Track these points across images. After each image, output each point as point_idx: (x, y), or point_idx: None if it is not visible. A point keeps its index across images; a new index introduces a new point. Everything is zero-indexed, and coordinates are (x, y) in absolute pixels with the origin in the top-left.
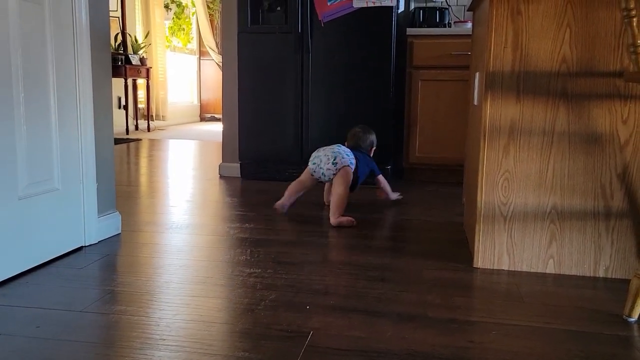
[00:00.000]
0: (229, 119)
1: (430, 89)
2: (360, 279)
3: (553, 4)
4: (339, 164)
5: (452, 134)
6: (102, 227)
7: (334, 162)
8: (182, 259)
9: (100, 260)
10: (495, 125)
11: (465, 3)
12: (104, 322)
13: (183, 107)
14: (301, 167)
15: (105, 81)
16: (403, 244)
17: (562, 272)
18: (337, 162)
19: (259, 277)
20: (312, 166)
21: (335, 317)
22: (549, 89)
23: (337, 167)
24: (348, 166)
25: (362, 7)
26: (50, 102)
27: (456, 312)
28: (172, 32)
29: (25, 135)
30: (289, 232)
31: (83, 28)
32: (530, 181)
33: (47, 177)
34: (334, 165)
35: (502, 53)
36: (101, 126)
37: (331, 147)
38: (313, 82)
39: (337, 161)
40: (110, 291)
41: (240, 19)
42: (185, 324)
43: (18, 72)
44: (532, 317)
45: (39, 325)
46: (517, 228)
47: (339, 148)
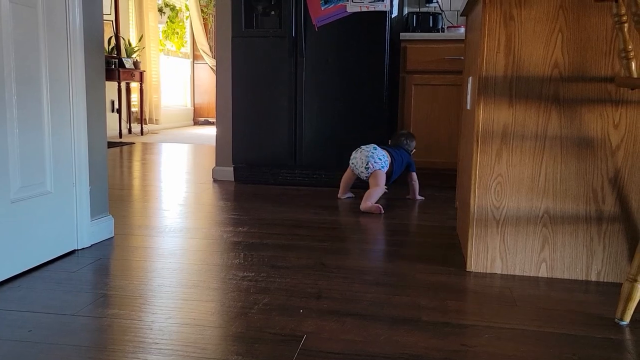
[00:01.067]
0: (222, 122)
1: (424, 94)
2: (353, 282)
3: (545, 9)
4: (370, 168)
5: (445, 138)
6: (95, 230)
7: (366, 167)
8: (175, 263)
9: (93, 264)
10: (488, 130)
11: (458, 8)
12: (96, 326)
13: (176, 111)
14: (295, 170)
15: (98, 84)
16: (396, 247)
17: (554, 276)
18: (369, 166)
19: (253, 281)
20: (352, 165)
21: (329, 320)
22: (541, 93)
23: (369, 171)
24: (380, 169)
25: (356, 11)
26: (43, 105)
27: (449, 316)
28: (166, 36)
29: (17, 138)
30: (283, 236)
31: (77, 31)
32: (522, 185)
33: (40, 181)
34: (367, 170)
35: (495, 58)
36: (94, 129)
37: (367, 150)
38: (307, 86)
39: (369, 166)
40: (103, 295)
41: (235, 23)
42: (178, 327)
43: (11, 74)
44: (525, 320)
45: (31, 329)
46: (510, 232)
47: (374, 151)
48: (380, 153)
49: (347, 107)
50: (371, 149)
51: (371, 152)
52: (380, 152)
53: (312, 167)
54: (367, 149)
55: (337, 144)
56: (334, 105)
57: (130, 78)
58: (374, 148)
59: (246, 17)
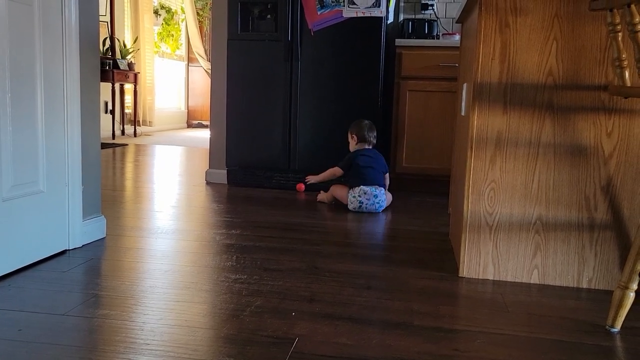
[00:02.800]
0: (216, 125)
1: (418, 100)
2: (346, 286)
3: (540, 17)
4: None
5: (439, 144)
6: (87, 230)
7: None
8: (167, 264)
9: (84, 264)
10: (482, 136)
11: (453, 15)
12: (87, 326)
13: (170, 113)
14: (289, 174)
15: (93, 85)
16: (389, 252)
17: (546, 283)
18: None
19: (245, 283)
20: (360, 207)
21: (321, 324)
22: (535, 101)
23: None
24: None
25: (352, 17)
26: (37, 104)
27: (441, 321)
28: (161, 38)
29: (10, 137)
30: (276, 239)
31: (72, 31)
32: (516, 192)
33: (32, 180)
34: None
35: (490, 65)
36: (88, 130)
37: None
38: (302, 90)
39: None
40: (94, 295)
41: (230, 26)
42: (169, 328)
43: (5, 72)
44: (517, 326)
45: (21, 328)
46: (503, 238)
47: (377, 191)
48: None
49: (342, 111)
50: (375, 189)
51: (375, 193)
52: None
53: (306, 171)
54: (371, 191)
55: (331, 148)
56: (329, 110)
57: (124, 79)
58: (375, 189)
59: (242, 20)
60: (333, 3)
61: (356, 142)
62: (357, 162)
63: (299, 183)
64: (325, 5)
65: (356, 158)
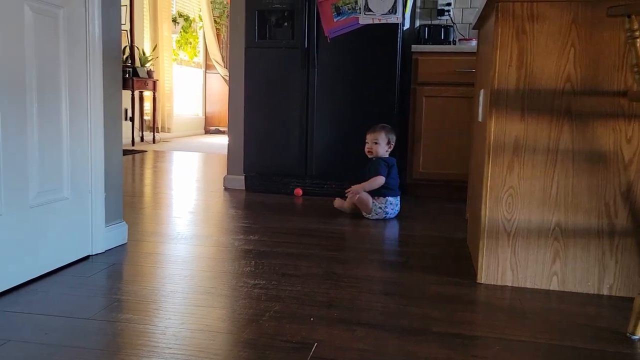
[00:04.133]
0: (234, 131)
1: (435, 106)
2: (364, 292)
3: (558, 24)
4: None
5: (456, 150)
6: (109, 236)
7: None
8: (187, 269)
9: (106, 269)
10: (499, 142)
11: (470, 21)
12: (110, 330)
13: (188, 120)
14: (305, 180)
15: (115, 93)
16: (406, 258)
17: (565, 290)
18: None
19: (264, 289)
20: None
21: (339, 329)
22: (553, 107)
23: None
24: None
25: (368, 23)
26: (62, 113)
27: (459, 327)
28: (179, 46)
29: (37, 145)
30: (293, 244)
31: (95, 42)
32: (534, 198)
33: (57, 187)
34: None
35: (507, 71)
36: (110, 138)
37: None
38: (318, 97)
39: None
40: (116, 299)
41: (248, 34)
42: (190, 333)
43: (32, 83)
44: (536, 333)
45: (48, 332)
46: (521, 244)
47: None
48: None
49: (358, 118)
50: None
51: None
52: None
53: (323, 177)
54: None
55: (348, 154)
56: (345, 116)
57: (143, 87)
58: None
59: (259, 28)
60: (349, 10)
61: (390, 149)
62: (390, 172)
63: (296, 188)
64: (342, 12)
65: (392, 167)
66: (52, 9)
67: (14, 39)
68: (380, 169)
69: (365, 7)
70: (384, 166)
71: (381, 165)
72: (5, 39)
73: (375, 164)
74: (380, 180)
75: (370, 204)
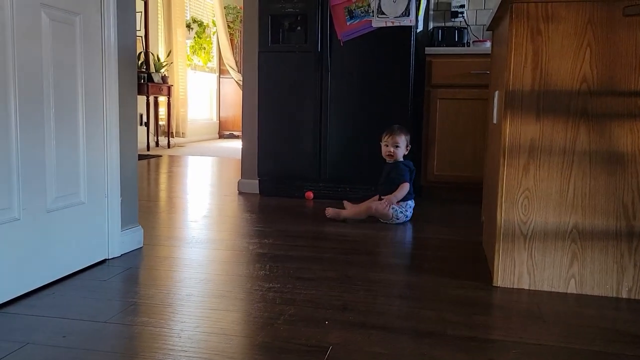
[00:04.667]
0: (248, 136)
1: (449, 108)
2: (378, 295)
3: (573, 24)
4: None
5: (470, 152)
6: (125, 240)
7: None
8: (202, 273)
9: (123, 273)
10: (514, 144)
11: (484, 23)
12: (127, 333)
13: (202, 124)
14: (319, 184)
15: (130, 99)
16: (421, 261)
17: (583, 292)
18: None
19: (278, 292)
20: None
21: (354, 332)
22: (569, 108)
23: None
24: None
25: (381, 26)
26: (79, 118)
27: (476, 330)
28: (193, 51)
29: (54, 150)
30: (308, 248)
31: (111, 48)
32: (550, 200)
33: (74, 191)
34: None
35: (522, 72)
36: (126, 143)
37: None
38: (332, 100)
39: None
40: (133, 303)
41: (261, 38)
42: (206, 336)
43: (49, 88)
44: (553, 336)
45: (65, 335)
46: (538, 247)
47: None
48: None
49: (372, 121)
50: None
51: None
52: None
53: (337, 181)
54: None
55: (362, 158)
56: (359, 120)
57: (158, 92)
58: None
59: (273, 32)
60: (362, 13)
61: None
62: (411, 176)
63: (307, 191)
64: (355, 15)
65: (413, 172)
66: (68, 16)
67: (32, 47)
68: (405, 174)
69: (378, 10)
70: (407, 172)
71: (405, 171)
72: (23, 46)
73: (399, 170)
74: (407, 187)
75: (390, 212)
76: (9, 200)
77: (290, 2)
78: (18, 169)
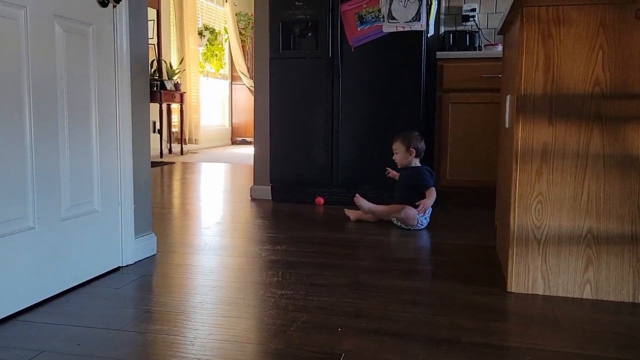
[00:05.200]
0: (260, 142)
1: (461, 112)
2: (391, 302)
3: (585, 27)
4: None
5: (483, 156)
6: (139, 248)
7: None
8: (215, 280)
9: (136, 281)
10: (527, 148)
11: (495, 26)
12: (141, 341)
13: (215, 131)
14: (332, 190)
15: (143, 107)
16: (434, 267)
17: (599, 298)
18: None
19: (291, 299)
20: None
21: (367, 339)
22: (582, 111)
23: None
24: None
25: (392, 31)
26: (92, 127)
27: (490, 337)
28: (205, 58)
29: (68, 159)
30: (320, 254)
31: (124, 57)
32: (564, 204)
33: (88, 199)
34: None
35: (534, 76)
36: (139, 150)
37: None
38: (343, 106)
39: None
40: (146, 310)
41: (272, 45)
42: (219, 343)
43: (63, 98)
44: (569, 343)
45: (80, 343)
46: (552, 252)
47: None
48: None
49: (384, 126)
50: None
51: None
52: None
53: (349, 187)
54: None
55: (374, 163)
56: (371, 125)
57: (171, 99)
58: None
59: (284, 39)
60: (373, 19)
61: (413, 156)
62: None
63: (317, 197)
64: (365, 21)
65: (433, 177)
66: (81, 26)
67: (46, 57)
68: (428, 180)
69: (388, 15)
70: (429, 176)
71: (428, 176)
72: (37, 56)
73: (422, 175)
74: (435, 193)
75: (417, 217)
76: (24, 209)
77: (301, 9)
78: (33, 178)
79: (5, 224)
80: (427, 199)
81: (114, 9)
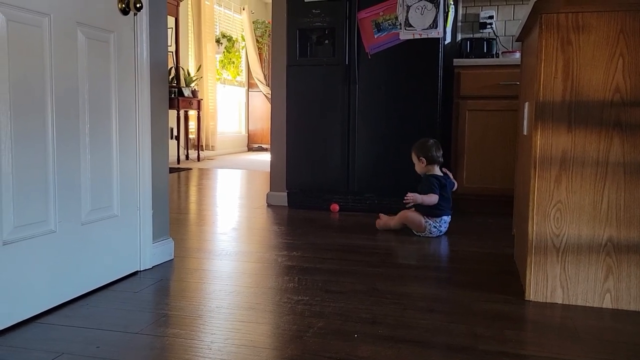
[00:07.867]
0: (276, 148)
1: (478, 119)
2: (408, 309)
3: (605, 34)
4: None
5: (500, 164)
6: (157, 252)
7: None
8: (232, 285)
9: (154, 285)
10: (546, 156)
11: (513, 33)
12: (159, 345)
13: (231, 137)
14: (348, 196)
15: (162, 114)
16: (451, 274)
17: (619, 307)
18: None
19: (307, 305)
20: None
21: (384, 346)
22: (601, 119)
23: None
24: None
25: (409, 39)
26: (112, 133)
27: (507, 345)
28: (223, 65)
29: (89, 165)
30: (337, 261)
31: (144, 65)
32: (584, 212)
33: (108, 204)
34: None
35: (552, 83)
36: (157, 156)
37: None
38: (360, 112)
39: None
40: (164, 314)
41: (289, 52)
42: (236, 348)
43: (85, 104)
44: (588, 353)
45: (99, 345)
46: (571, 260)
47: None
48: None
49: (400, 133)
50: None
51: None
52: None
53: (365, 193)
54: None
55: (390, 170)
56: (387, 132)
57: (188, 106)
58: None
59: (301, 46)
60: (390, 26)
61: (425, 165)
62: (441, 192)
63: (333, 203)
64: (382, 28)
65: (445, 187)
66: (103, 33)
67: (68, 63)
68: (432, 187)
69: (405, 23)
70: (436, 184)
71: (433, 183)
72: (60, 63)
73: (426, 182)
74: (434, 198)
75: (422, 223)
76: (45, 213)
77: (318, 16)
78: (55, 182)
79: (27, 227)
80: (421, 194)
81: (135, 17)
